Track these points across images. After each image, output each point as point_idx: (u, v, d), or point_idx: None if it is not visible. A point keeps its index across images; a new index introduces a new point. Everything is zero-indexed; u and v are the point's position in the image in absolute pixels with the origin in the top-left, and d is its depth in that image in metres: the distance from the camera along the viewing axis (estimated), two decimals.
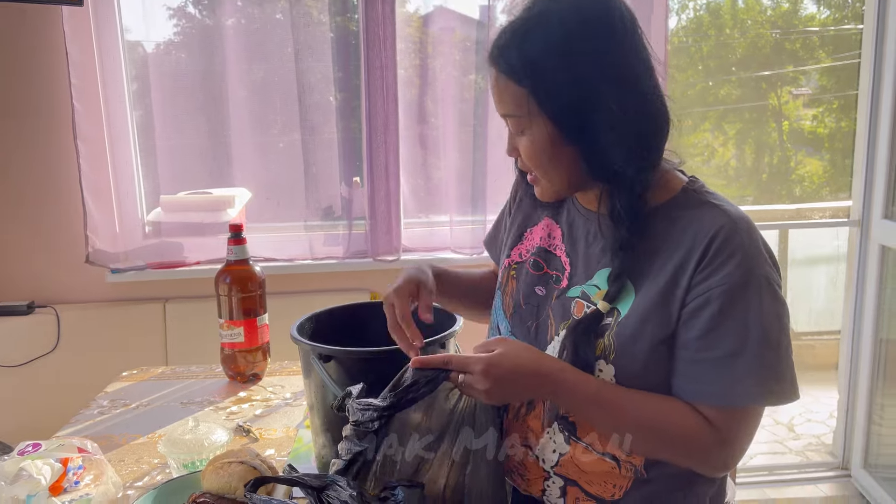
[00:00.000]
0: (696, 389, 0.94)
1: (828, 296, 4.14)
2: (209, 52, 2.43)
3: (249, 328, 1.66)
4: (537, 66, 0.92)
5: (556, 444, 1.05)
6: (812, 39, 5.85)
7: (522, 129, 0.97)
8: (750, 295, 0.91)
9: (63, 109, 2.32)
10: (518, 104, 0.94)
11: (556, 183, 1.00)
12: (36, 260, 2.43)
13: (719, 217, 0.94)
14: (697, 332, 0.93)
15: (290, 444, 1.40)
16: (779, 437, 3.26)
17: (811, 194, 5.57)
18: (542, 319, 1.07)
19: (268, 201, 2.56)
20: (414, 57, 2.49)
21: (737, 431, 0.94)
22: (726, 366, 0.92)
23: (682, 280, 0.94)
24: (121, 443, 1.40)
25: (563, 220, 1.11)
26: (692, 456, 0.97)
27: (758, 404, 0.94)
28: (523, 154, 0.98)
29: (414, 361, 0.93)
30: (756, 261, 0.92)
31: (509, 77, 0.94)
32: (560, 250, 1.09)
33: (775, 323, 0.92)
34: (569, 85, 0.91)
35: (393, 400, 0.90)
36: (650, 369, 0.96)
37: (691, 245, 0.94)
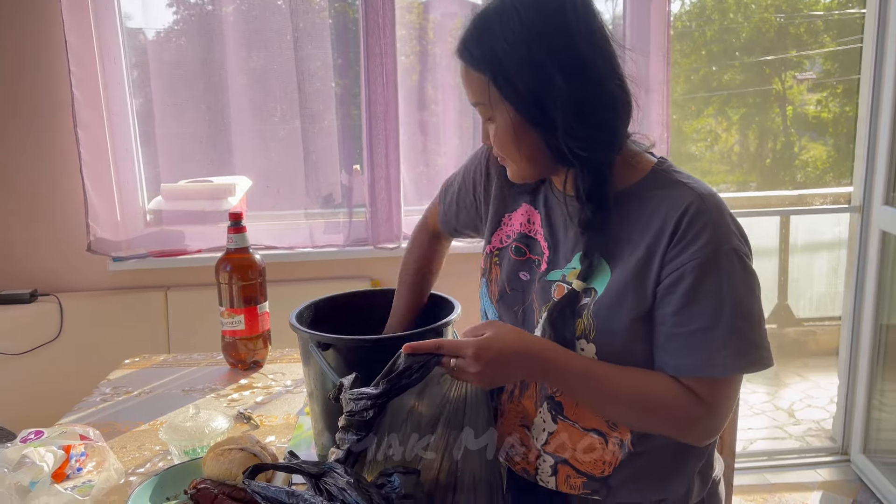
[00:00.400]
0: (676, 363, 0.97)
1: (829, 282, 4.14)
2: (209, 40, 2.43)
3: (250, 316, 1.66)
4: (496, 56, 0.95)
5: (546, 422, 1.08)
6: (816, 23, 5.81)
7: (489, 117, 1.00)
8: (721, 268, 0.94)
9: (63, 97, 2.32)
10: (482, 92, 0.98)
11: (522, 167, 1.03)
12: (38, 248, 2.44)
13: (688, 194, 0.97)
14: (673, 308, 0.96)
15: (290, 430, 1.41)
16: (779, 423, 3.27)
17: (815, 179, 5.55)
18: (528, 304, 1.10)
19: (268, 189, 2.56)
20: (415, 43, 2.49)
21: (719, 400, 0.97)
22: (704, 339, 0.95)
23: (655, 257, 0.97)
24: (123, 430, 1.41)
25: (541, 205, 1.12)
26: (678, 426, 1.00)
27: (736, 374, 0.97)
28: (492, 140, 1.02)
29: (406, 347, 0.94)
30: (725, 235, 0.95)
31: (472, 67, 0.98)
32: (539, 235, 1.11)
33: (747, 294, 0.96)
34: (526, 72, 0.94)
35: (386, 387, 0.91)
36: (630, 346, 1.00)
37: (662, 223, 0.97)
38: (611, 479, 1.06)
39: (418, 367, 0.92)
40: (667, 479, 1.07)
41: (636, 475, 1.06)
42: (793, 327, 4.10)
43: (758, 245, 3.91)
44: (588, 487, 1.07)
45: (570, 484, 1.08)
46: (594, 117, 0.95)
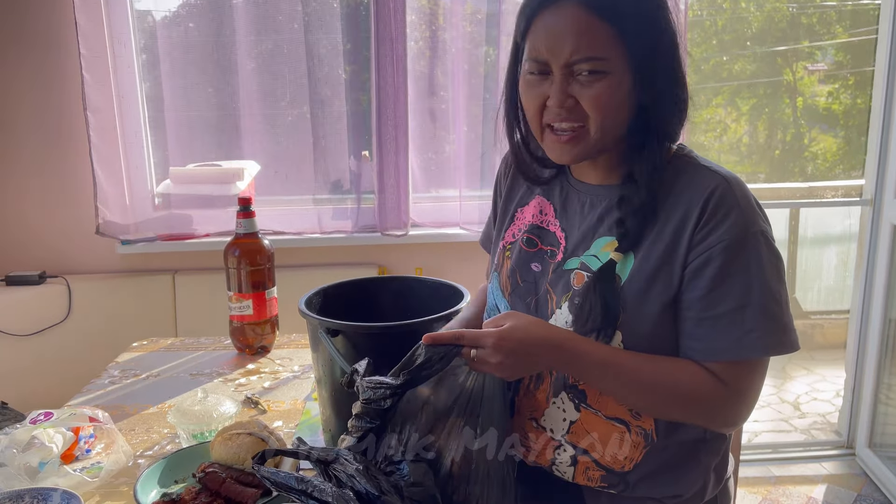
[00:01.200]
0: (705, 347, 0.96)
1: (838, 275, 4.12)
2: (218, 23, 2.42)
3: (258, 301, 1.67)
4: (630, 13, 0.92)
5: (567, 412, 1.06)
6: (829, 14, 5.75)
7: (601, 73, 0.92)
8: (749, 250, 0.93)
9: (73, 80, 2.32)
10: (603, 46, 0.91)
11: (604, 136, 0.97)
12: (47, 230, 2.45)
13: (712, 178, 0.97)
14: (702, 291, 0.95)
15: (297, 416, 1.41)
16: (784, 416, 3.26)
17: (824, 172, 5.51)
18: (542, 294, 1.08)
19: (276, 174, 2.56)
20: (424, 29, 2.47)
21: (747, 384, 0.96)
22: (733, 321, 0.93)
23: (682, 241, 0.95)
24: (131, 412, 1.42)
25: (556, 197, 1.11)
26: (705, 413, 0.98)
27: (767, 355, 0.95)
28: (591, 98, 0.93)
29: (426, 338, 0.93)
30: (752, 216, 0.95)
31: (598, 14, 0.91)
32: (554, 225, 1.10)
33: (774, 275, 0.94)
34: (657, 36, 0.93)
35: (406, 378, 0.90)
36: (657, 332, 0.98)
37: (688, 206, 0.96)
38: (630, 474, 1.05)
39: (438, 358, 0.91)
40: (684, 474, 1.06)
41: (654, 471, 1.04)
42: (800, 320, 4.09)
43: None
44: (606, 481, 1.06)
45: (588, 476, 1.06)
46: (679, 96, 0.97)
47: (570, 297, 1.03)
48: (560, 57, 0.93)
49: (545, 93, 0.96)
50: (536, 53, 0.95)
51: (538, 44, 0.94)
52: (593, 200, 1.06)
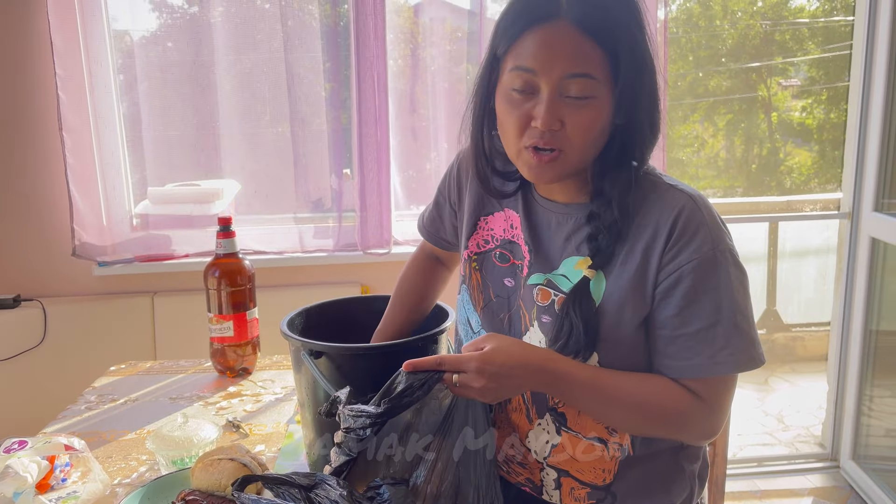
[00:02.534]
0: (679, 365, 0.97)
1: (817, 287, 4.16)
2: (197, 42, 2.40)
3: (239, 322, 1.64)
4: (622, 35, 0.90)
5: (549, 434, 1.06)
6: (801, 31, 5.85)
7: (589, 96, 0.91)
8: (718, 268, 0.95)
9: (48, 100, 2.29)
10: (595, 67, 0.90)
11: (582, 160, 0.96)
12: (22, 253, 2.40)
13: (679, 197, 0.97)
14: (674, 310, 0.96)
15: (280, 439, 1.39)
16: (768, 429, 3.27)
17: (800, 185, 5.59)
18: (514, 310, 1.08)
19: (256, 193, 2.54)
20: (404, 47, 2.47)
21: (722, 398, 0.98)
22: (706, 338, 0.95)
23: (652, 260, 0.96)
24: (108, 439, 1.38)
25: (520, 209, 1.10)
26: (684, 428, 1.00)
27: (739, 371, 0.97)
28: (577, 123, 0.92)
29: (406, 365, 0.92)
30: (718, 234, 0.96)
31: (591, 35, 0.89)
32: (520, 239, 1.09)
33: (741, 291, 0.96)
34: (641, 62, 0.92)
35: (388, 406, 0.89)
36: (632, 350, 1.00)
37: (656, 226, 0.96)
38: (613, 486, 1.05)
39: (419, 385, 0.90)
40: (669, 483, 1.07)
41: (639, 482, 1.05)
42: (781, 333, 4.11)
43: (747, 250, 3.94)
44: (593, 497, 1.06)
45: (574, 496, 1.07)
46: (656, 119, 0.97)
47: (537, 315, 1.03)
48: (552, 72, 0.90)
49: (529, 113, 0.93)
50: (528, 64, 0.91)
51: (528, 58, 0.91)
52: (560, 219, 1.05)
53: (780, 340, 4.10)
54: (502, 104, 0.96)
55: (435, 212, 1.28)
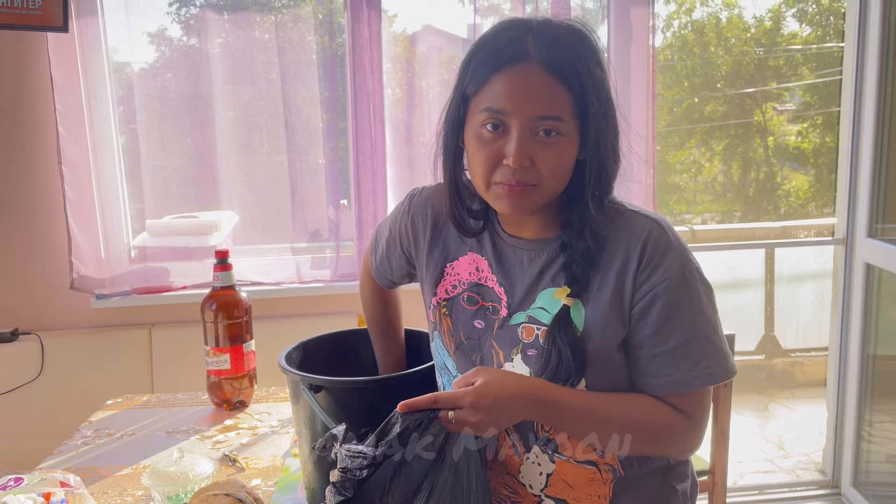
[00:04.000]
0: (660, 383, 1.00)
1: (815, 312, 4.16)
2: (195, 75, 2.42)
3: (236, 355, 1.64)
4: (586, 77, 0.94)
5: (542, 465, 1.06)
6: (795, 56, 5.91)
7: (557, 135, 0.94)
8: (688, 286, 0.99)
9: (48, 135, 2.31)
10: (562, 108, 0.94)
11: (552, 195, 0.99)
12: (20, 286, 2.40)
13: (644, 222, 1.02)
14: (650, 329, 1.00)
15: (276, 473, 1.38)
16: (769, 456, 3.25)
17: (797, 209, 5.61)
18: (486, 350, 1.08)
19: (254, 225, 2.55)
20: (402, 76, 2.50)
21: (702, 411, 1.03)
22: (683, 354, 0.99)
23: (626, 284, 1.00)
24: (104, 475, 1.38)
25: (488, 252, 1.09)
26: (668, 443, 1.03)
27: (717, 382, 1.01)
28: (547, 161, 0.95)
29: (401, 406, 0.91)
30: (686, 255, 1.01)
31: (558, 78, 0.93)
32: (492, 281, 1.09)
33: (710, 307, 1.02)
34: (604, 101, 0.97)
35: (385, 448, 0.88)
36: (616, 373, 1.03)
37: (627, 251, 1.00)
38: None
39: (416, 425, 0.90)
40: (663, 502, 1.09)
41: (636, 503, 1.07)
42: (780, 358, 4.10)
43: (744, 276, 3.95)
44: None
45: None
46: (617, 148, 1.01)
47: (521, 350, 1.04)
48: (524, 112, 0.93)
49: (500, 151, 0.95)
50: (499, 105, 0.93)
51: (499, 99, 0.93)
52: (531, 255, 1.06)
53: (779, 366, 4.08)
54: (472, 143, 0.98)
55: (385, 255, 1.26)
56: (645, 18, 2.43)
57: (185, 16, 2.53)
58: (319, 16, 2.48)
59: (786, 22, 6.29)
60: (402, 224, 1.19)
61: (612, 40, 2.47)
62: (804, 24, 6.14)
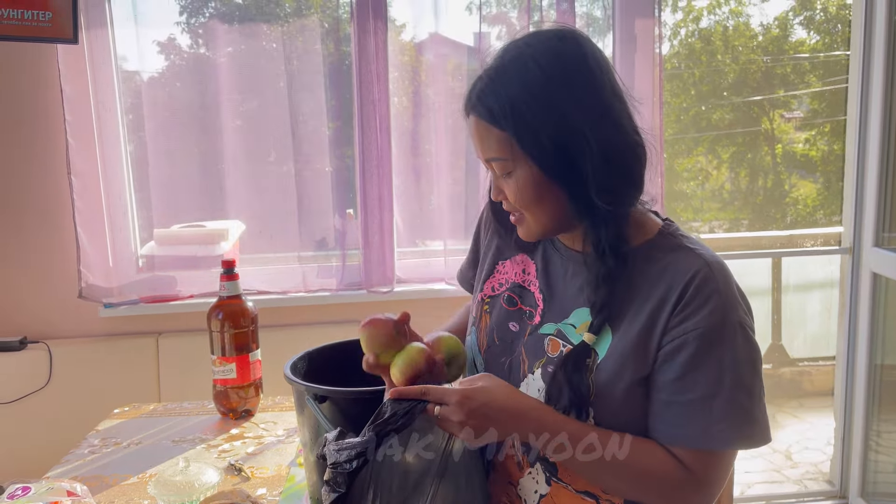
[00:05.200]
0: (670, 432, 0.95)
1: (823, 321, 4.14)
2: (203, 85, 2.44)
3: (242, 364, 1.65)
4: (517, 110, 0.92)
5: (539, 483, 1.05)
6: (802, 64, 5.90)
7: (508, 172, 0.97)
8: (725, 339, 0.92)
9: (57, 145, 2.33)
10: (501, 148, 0.95)
11: (542, 222, 0.99)
12: (29, 295, 2.42)
13: (695, 261, 0.96)
14: (673, 375, 0.94)
15: (281, 482, 1.39)
16: (776, 466, 3.24)
17: (805, 217, 5.57)
18: (516, 356, 1.07)
19: (261, 234, 2.56)
20: (408, 85, 2.51)
21: (712, 474, 0.95)
22: (701, 409, 0.92)
23: (658, 322, 0.94)
24: (111, 483, 1.39)
25: (539, 257, 1.10)
26: (667, 499, 0.97)
27: (732, 448, 0.95)
28: (510, 196, 0.99)
29: (391, 392, 0.93)
30: (731, 305, 0.94)
31: (490, 122, 0.95)
32: (534, 286, 1.09)
33: (748, 367, 0.94)
34: (550, 126, 0.92)
35: (369, 434, 0.89)
36: (628, 409, 0.97)
37: (668, 288, 0.95)
38: None
39: (403, 412, 0.90)
40: None
41: None
42: (788, 367, 4.08)
43: (751, 285, 3.93)
44: None
45: None
46: (622, 167, 0.95)
47: (543, 364, 1.02)
48: (481, 157, 1.01)
49: None
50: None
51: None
52: (576, 268, 1.05)
53: (787, 375, 4.07)
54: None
55: (466, 263, 1.31)
56: (650, 28, 2.44)
57: (193, 25, 2.55)
58: (326, 25, 2.50)
59: (793, 30, 6.27)
60: (480, 224, 1.25)
61: (617, 50, 2.48)
62: (812, 32, 6.12)
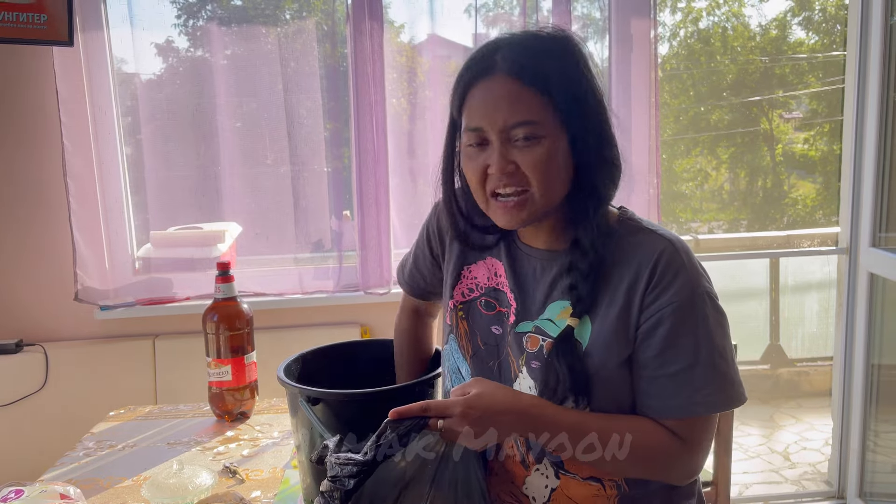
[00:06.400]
0: (659, 405, 0.99)
1: (821, 322, 4.14)
2: (199, 87, 2.44)
3: (237, 366, 1.65)
4: (560, 78, 0.95)
5: (549, 478, 1.06)
6: (801, 64, 5.89)
7: (536, 137, 0.95)
8: (697, 310, 0.98)
9: (53, 148, 2.33)
10: (536, 111, 0.95)
11: (549, 199, 0.99)
12: (25, 298, 2.42)
13: (659, 241, 1.01)
14: (654, 351, 0.99)
15: (276, 485, 1.38)
16: (774, 466, 3.23)
17: (805, 217, 5.57)
18: (504, 358, 1.09)
19: (257, 235, 2.56)
20: (405, 87, 2.51)
21: (701, 438, 1.01)
22: (685, 379, 0.97)
23: (634, 302, 0.99)
24: (105, 486, 1.38)
25: (504, 257, 1.12)
26: (665, 468, 1.02)
27: (718, 411, 0.99)
28: (530, 163, 0.96)
29: (392, 413, 0.93)
30: (697, 278, 0.99)
31: (529, 85, 0.94)
32: (505, 287, 1.11)
33: (721, 334, 0.99)
34: (583, 99, 0.97)
35: (372, 454, 0.89)
36: (619, 392, 1.02)
37: (637, 269, 0.99)
38: None
39: (405, 431, 0.91)
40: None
41: None
42: (785, 368, 4.08)
43: (748, 285, 3.93)
44: None
45: None
46: (612, 155, 1.01)
47: (525, 361, 1.05)
48: (496, 124, 0.96)
49: (486, 161, 0.98)
50: (474, 124, 0.98)
51: (474, 115, 0.98)
52: (544, 265, 1.07)
53: (785, 375, 4.07)
54: (465, 161, 1.03)
55: (414, 265, 1.31)
56: (646, 29, 2.44)
57: (190, 28, 2.55)
58: (324, 27, 2.49)
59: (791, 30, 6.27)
60: (431, 228, 1.25)
61: (613, 51, 2.47)
62: (810, 33, 6.12)
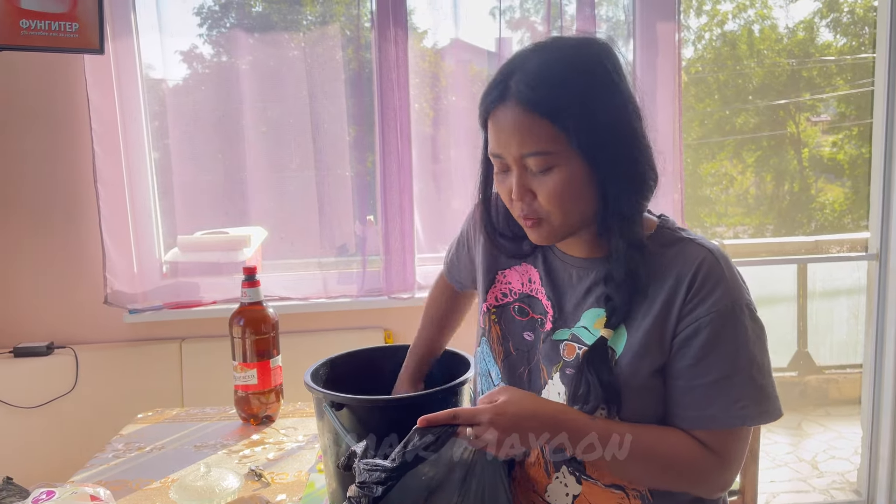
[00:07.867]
0: (693, 416, 0.98)
1: (850, 328, 4.07)
2: (225, 93, 2.47)
3: (263, 370, 1.67)
4: (571, 103, 0.92)
5: (569, 486, 1.06)
6: (829, 67, 5.83)
7: (549, 167, 0.95)
8: (735, 321, 0.96)
9: (84, 154, 2.37)
10: (548, 142, 0.93)
11: (571, 223, 0.99)
12: (56, 301, 2.46)
13: (698, 251, 1.00)
14: (690, 361, 0.97)
15: (301, 488, 1.39)
16: (802, 475, 3.19)
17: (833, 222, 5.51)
18: (534, 365, 1.09)
19: (282, 240, 2.58)
20: (429, 91, 2.52)
21: (734, 452, 0.99)
22: (720, 390, 0.96)
23: (672, 312, 0.98)
24: (134, 488, 1.40)
25: (540, 264, 1.12)
26: (693, 481, 1.00)
27: (752, 424, 0.97)
28: (544, 194, 0.96)
29: (421, 421, 0.93)
30: (736, 289, 0.98)
31: (543, 115, 0.93)
32: (541, 294, 1.11)
33: (759, 346, 0.98)
34: (606, 124, 0.94)
35: (400, 461, 0.89)
36: (651, 401, 1.01)
37: (676, 278, 0.98)
38: None
39: (433, 439, 0.91)
40: None
41: None
42: (814, 375, 4.02)
43: (776, 291, 3.88)
44: None
45: None
46: (643, 172, 0.98)
47: (560, 368, 1.05)
48: (510, 152, 0.96)
49: (510, 187, 0.99)
50: (495, 151, 0.99)
51: (493, 142, 0.98)
52: (580, 273, 1.07)
53: (813, 383, 4.01)
54: (496, 181, 1.04)
55: (455, 255, 1.33)
56: (671, 32, 2.43)
57: (215, 35, 2.58)
58: (348, 32, 2.51)
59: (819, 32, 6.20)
60: (468, 226, 1.26)
61: (637, 55, 2.47)
62: (838, 35, 6.05)
